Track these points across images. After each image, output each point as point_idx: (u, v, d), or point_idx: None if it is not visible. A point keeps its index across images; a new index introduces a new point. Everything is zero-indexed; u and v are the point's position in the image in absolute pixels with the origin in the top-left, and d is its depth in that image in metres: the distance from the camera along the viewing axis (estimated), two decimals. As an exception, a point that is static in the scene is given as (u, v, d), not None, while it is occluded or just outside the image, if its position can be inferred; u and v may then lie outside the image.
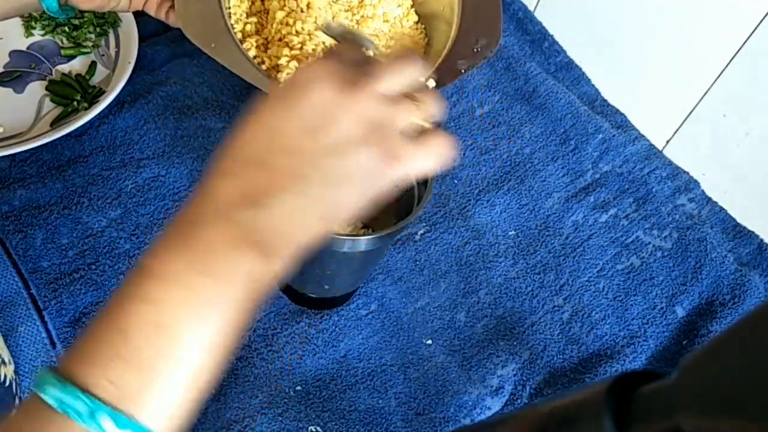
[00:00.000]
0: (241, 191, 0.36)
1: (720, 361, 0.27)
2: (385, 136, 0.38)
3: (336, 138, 0.37)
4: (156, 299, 0.35)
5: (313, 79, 0.38)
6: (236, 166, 0.37)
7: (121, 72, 0.80)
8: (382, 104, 0.38)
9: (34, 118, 0.77)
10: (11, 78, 0.79)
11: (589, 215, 0.81)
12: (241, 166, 0.37)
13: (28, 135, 0.75)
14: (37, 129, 0.76)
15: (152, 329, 0.34)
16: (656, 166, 0.86)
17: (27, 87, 0.79)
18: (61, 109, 0.78)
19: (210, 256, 0.35)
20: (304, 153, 0.37)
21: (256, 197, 0.36)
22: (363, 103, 0.38)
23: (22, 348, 0.62)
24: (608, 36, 0.92)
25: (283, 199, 0.36)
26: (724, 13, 0.78)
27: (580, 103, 0.90)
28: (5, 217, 0.69)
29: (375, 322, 0.71)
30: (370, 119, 0.38)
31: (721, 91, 0.82)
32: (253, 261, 0.36)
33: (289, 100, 0.38)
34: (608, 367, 0.71)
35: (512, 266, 0.76)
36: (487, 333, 0.72)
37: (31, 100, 0.79)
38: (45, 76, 0.80)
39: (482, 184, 0.82)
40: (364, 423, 0.65)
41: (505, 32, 0.96)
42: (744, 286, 0.77)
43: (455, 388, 0.68)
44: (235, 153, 0.38)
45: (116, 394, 0.34)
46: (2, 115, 0.76)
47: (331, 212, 0.38)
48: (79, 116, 0.76)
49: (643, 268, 0.78)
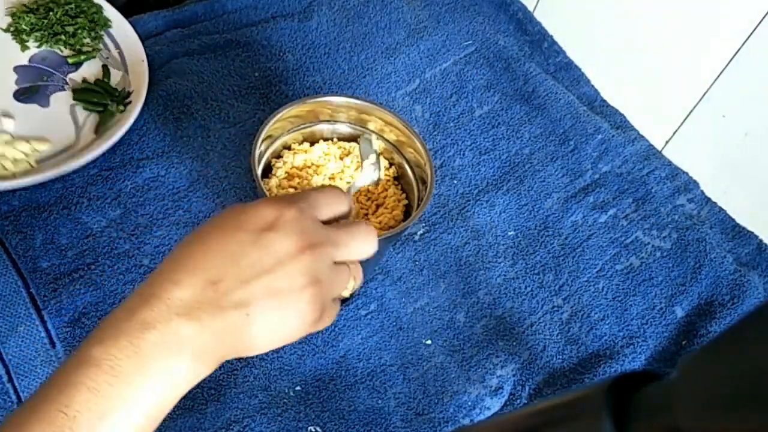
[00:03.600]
0: (189, 305, 0.41)
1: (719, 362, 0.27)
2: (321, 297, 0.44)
3: (280, 283, 0.42)
4: (98, 390, 0.38)
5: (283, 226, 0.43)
6: (189, 279, 0.41)
7: (137, 70, 0.80)
8: (329, 271, 0.45)
9: (74, 129, 0.76)
10: (30, 93, 0.77)
11: (588, 215, 0.81)
12: (193, 280, 0.41)
13: (77, 146, 0.74)
14: (84, 138, 0.75)
15: (95, 418, 0.38)
16: (656, 166, 0.86)
17: (50, 99, 0.78)
18: (97, 116, 0.77)
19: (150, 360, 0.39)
20: (252, 287, 0.42)
21: (199, 313, 0.41)
22: (316, 265, 0.43)
23: (21, 348, 0.62)
24: (608, 36, 0.92)
25: (222, 321, 0.41)
26: (723, 13, 0.78)
27: (580, 103, 0.90)
28: (5, 217, 0.69)
29: (374, 322, 0.71)
30: (315, 278, 0.43)
31: (720, 91, 0.82)
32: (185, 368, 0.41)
33: (252, 233, 0.43)
34: (607, 367, 0.71)
35: (512, 266, 0.76)
36: (487, 333, 0.72)
37: (62, 111, 0.77)
38: (62, 86, 0.79)
39: (482, 184, 0.82)
40: (364, 423, 0.65)
41: (505, 32, 0.96)
42: (743, 287, 0.77)
43: (455, 388, 0.68)
44: (189, 265, 0.42)
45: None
46: (40, 131, 0.75)
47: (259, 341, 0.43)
48: (120, 119, 0.75)
49: (643, 269, 0.78)
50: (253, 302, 0.41)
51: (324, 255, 0.44)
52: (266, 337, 0.43)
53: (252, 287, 0.42)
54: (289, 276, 0.42)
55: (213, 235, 0.43)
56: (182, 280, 0.41)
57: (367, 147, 0.68)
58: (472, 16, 0.95)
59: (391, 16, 0.93)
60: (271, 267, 0.42)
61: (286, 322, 0.43)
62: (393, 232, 0.59)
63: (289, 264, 0.42)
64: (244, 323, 0.41)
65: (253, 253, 0.42)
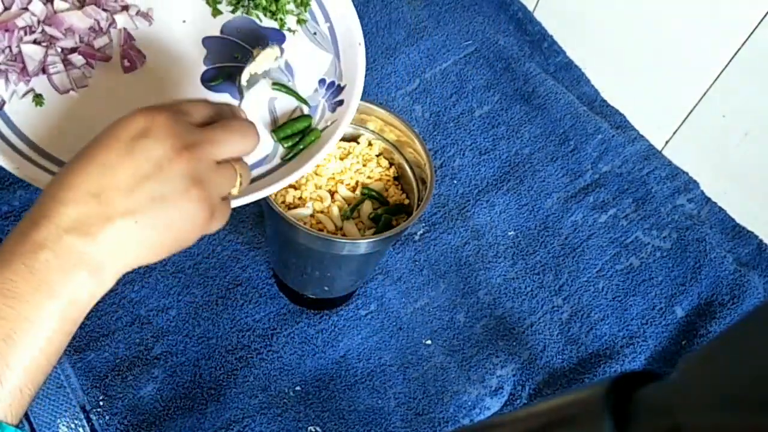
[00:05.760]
0: (75, 219, 0.41)
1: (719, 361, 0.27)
2: (208, 197, 0.44)
3: (163, 188, 0.42)
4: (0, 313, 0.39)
5: (155, 131, 0.43)
6: (73, 195, 0.42)
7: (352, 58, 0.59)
8: (211, 171, 0.45)
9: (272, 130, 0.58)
10: (222, 79, 0.58)
11: (588, 215, 0.81)
12: (77, 195, 0.42)
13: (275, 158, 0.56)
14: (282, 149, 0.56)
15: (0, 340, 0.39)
16: (655, 166, 0.86)
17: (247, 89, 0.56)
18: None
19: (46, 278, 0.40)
20: (135, 195, 0.42)
21: (88, 227, 0.41)
22: (193, 164, 0.43)
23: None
24: (608, 36, 0.92)
25: (112, 232, 0.41)
26: (723, 13, 0.78)
27: (580, 103, 0.90)
28: (5, 217, 0.69)
29: (374, 322, 0.71)
30: (198, 179, 0.43)
31: (720, 91, 0.82)
32: (82, 281, 0.41)
33: (126, 142, 0.43)
34: (607, 367, 0.71)
35: (511, 266, 0.76)
36: (487, 333, 0.72)
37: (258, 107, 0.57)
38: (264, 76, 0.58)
39: (482, 184, 0.82)
40: (364, 423, 0.65)
41: (505, 32, 0.96)
42: (743, 287, 0.77)
43: (454, 388, 0.68)
44: (72, 182, 0.42)
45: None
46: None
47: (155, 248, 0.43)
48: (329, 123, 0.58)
49: (643, 269, 0.78)
50: (139, 210, 0.42)
51: (202, 154, 0.44)
52: (160, 243, 0.43)
53: (135, 195, 0.42)
54: (170, 180, 0.42)
55: (91, 149, 0.43)
56: (66, 197, 0.41)
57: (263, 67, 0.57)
58: (472, 16, 0.95)
59: (391, 16, 0.93)
60: (151, 173, 0.42)
61: (176, 224, 0.43)
62: (393, 232, 0.59)
63: (168, 168, 0.42)
64: (134, 230, 0.42)
65: (130, 161, 0.42)
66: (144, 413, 0.63)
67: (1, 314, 0.39)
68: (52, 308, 0.40)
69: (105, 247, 0.41)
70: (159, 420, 0.63)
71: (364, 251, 0.60)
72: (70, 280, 0.41)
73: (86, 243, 0.41)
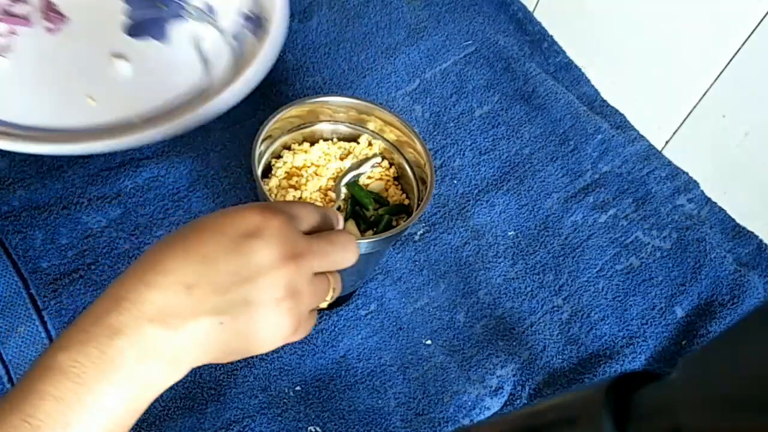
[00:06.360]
0: (160, 308, 0.39)
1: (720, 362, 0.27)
2: (299, 309, 0.43)
3: (258, 294, 0.40)
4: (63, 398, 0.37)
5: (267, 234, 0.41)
6: (163, 281, 0.39)
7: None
8: (309, 283, 0.43)
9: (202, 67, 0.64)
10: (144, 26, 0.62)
11: (588, 215, 0.81)
12: (168, 282, 0.39)
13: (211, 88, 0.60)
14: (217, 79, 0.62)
15: (60, 427, 0.37)
16: (655, 166, 0.86)
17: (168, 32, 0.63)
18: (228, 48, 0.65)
19: (116, 367, 0.38)
20: (229, 295, 0.40)
21: (173, 318, 0.39)
22: (297, 277, 0.42)
23: (21, 348, 0.62)
24: (608, 36, 0.92)
25: (195, 328, 0.39)
26: (723, 13, 0.78)
27: (580, 103, 0.90)
28: (4, 217, 0.69)
29: (374, 322, 0.71)
30: (294, 290, 0.42)
31: (720, 91, 0.82)
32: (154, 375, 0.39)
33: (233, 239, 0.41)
34: (607, 367, 0.71)
35: (511, 266, 0.76)
36: (487, 333, 0.72)
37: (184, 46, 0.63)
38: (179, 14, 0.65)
39: (481, 184, 0.82)
40: (364, 423, 0.65)
41: (505, 32, 0.96)
42: (743, 287, 0.77)
43: (454, 388, 0.68)
44: (166, 267, 0.40)
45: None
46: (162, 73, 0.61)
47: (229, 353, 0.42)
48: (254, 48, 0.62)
49: (643, 269, 0.78)
50: (228, 311, 0.40)
51: (305, 266, 0.43)
52: (237, 347, 0.41)
53: (229, 295, 0.40)
54: (269, 287, 0.41)
55: (192, 237, 0.41)
56: (155, 281, 0.39)
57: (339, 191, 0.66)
58: (472, 16, 0.95)
59: (391, 16, 0.93)
60: (251, 276, 0.40)
61: (261, 333, 0.41)
62: (393, 232, 0.59)
63: (270, 274, 0.41)
64: (216, 332, 0.40)
65: (234, 259, 0.40)
66: (143, 413, 0.63)
67: (66, 400, 0.37)
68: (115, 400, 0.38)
69: (184, 342, 0.39)
70: (159, 420, 0.63)
71: (365, 251, 0.60)
72: (141, 370, 0.38)
73: (167, 336, 0.39)
